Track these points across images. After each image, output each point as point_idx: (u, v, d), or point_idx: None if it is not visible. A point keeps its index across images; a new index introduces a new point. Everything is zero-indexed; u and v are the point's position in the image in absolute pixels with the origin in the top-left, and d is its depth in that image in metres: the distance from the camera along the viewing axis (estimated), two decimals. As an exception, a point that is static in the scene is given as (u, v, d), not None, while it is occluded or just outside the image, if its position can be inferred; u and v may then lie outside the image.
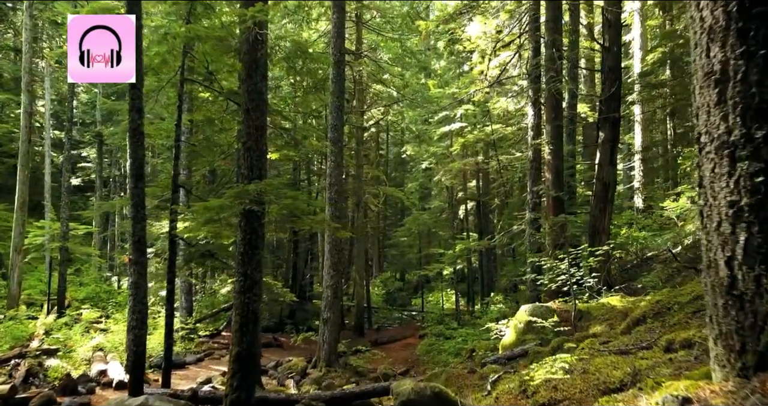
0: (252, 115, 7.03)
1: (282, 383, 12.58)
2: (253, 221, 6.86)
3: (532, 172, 13.22)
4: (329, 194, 14.36)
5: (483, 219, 25.37)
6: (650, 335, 4.75)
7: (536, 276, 10.24)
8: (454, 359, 15.03)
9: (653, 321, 5.34)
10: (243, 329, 6.73)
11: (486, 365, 7.67)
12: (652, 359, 3.44)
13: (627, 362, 3.55)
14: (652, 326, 5.15)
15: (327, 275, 14.24)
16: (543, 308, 8.45)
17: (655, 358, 3.47)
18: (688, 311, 5.08)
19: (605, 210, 12.16)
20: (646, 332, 4.97)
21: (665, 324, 5.06)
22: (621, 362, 3.57)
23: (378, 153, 34.14)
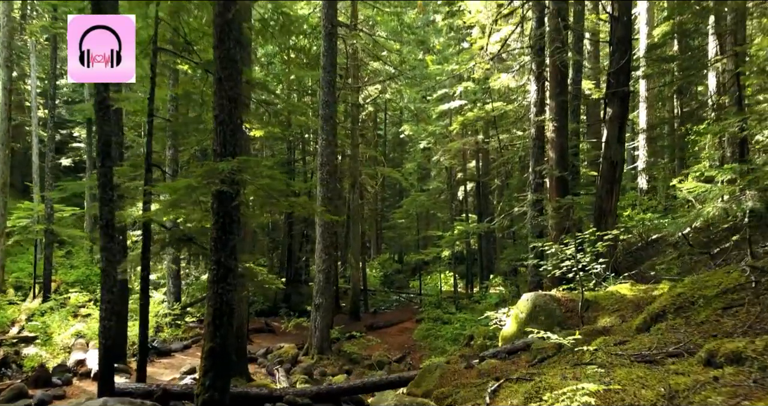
0: (225, 85, 6.30)
1: (271, 372, 12.04)
2: (226, 203, 6.18)
3: (535, 151, 12.48)
4: (321, 175, 13.67)
5: (483, 200, 24.69)
6: (675, 336, 4.10)
7: (539, 262, 9.59)
8: (452, 346, 14.49)
9: (675, 317, 4.68)
10: (216, 323, 6.09)
11: (485, 360, 7.06)
12: (690, 376, 2.78)
13: (657, 376, 2.90)
14: (674, 324, 4.50)
15: (319, 258, 13.62)
16: (546, 297, 7.82)
17: (693, 373, 2.82)
18: (717, 307, 4.43)
19: (612, 191, 11.46)
20: (669, 332, 4.32)
21: (690, 322, 4.41)
22: (650, 377, 2.92)
23: (376, 133, 33.40)
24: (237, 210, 6.31)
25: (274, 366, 12.28)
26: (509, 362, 6.74)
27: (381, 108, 34.98)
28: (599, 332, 6.02)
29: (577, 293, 7.93)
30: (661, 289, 7.24)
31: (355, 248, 20.98)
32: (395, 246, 34.98)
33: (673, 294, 5.00)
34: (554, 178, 11.73)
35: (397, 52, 22.25)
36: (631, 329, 5.41)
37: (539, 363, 6.16)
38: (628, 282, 8.27)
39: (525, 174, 20.27)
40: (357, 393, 7.62)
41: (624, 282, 8.41)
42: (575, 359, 4.82)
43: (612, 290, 7.88)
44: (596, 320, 7.02)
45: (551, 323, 7.52)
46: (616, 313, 6.89)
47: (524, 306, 8.00)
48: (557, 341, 5.12)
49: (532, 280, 12.00)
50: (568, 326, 7.36)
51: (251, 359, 12.99)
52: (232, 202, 6.22)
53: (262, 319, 20.46)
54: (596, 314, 7.27)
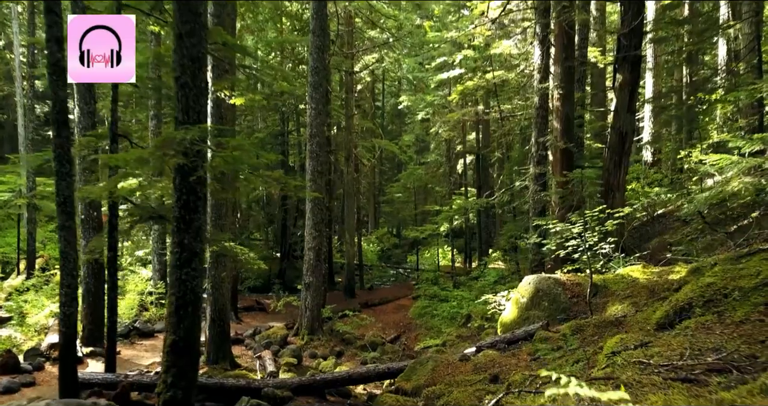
0: (186, 42, 5.47)
1: (258, 354, 11.47)
2: (189, 178, 5.43)
3: (538, 121, 11.67)
4: (311, 147, 12.87)
5: (482, 174, 23.91)
6: (710, 339, 3.39)
7: (541, 240, 8.89)
8: (448, 328, 13.93)
9: (705, 313, 3.98)
10: (180, 313, 5.40)
11: (481, 350, 6.42)
12: (754, 412, 2.12)
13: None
14: (705, 322, 3.80)
15: (309, 235, 12.92)
16: (550, 281, 7.14)
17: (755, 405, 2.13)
18: (757, 302, 3.72)
19: (621, 164, 10.69)
20: (701, 332, 3.62)
21: (725, 320, 3.71)
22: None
23: (373, 104, 32.43)
24: (202, 186, 5.56)
25: (261, 348, 11.71)
26: (509, 353, 6.09)
27: (379, 78, 33.92)
28: (612, 324, 5.34)
29: (584, 276, 7.25)
30: (678, 272, 6.55)
31: (350, 223, 20.30)
32: (393, 220, 34.32)
33: (701, 284, 4.29)
34: (559, 150, 10.95)
35: (394, 18, 21.14)
36: (649, 322, 4.72)
37: (543, 356, 5.50)
38: (639, 264, 7.57)
39: (526, 146, 19.45)
40: (343, 385, 7.01)
41: (634, 264, 7.72)
42: (587, 363, 4.15)
43: (622, 273, 7.19)
44: (606, 307, 6.34)
45: (555, 310, 6.87)
46: (628, 300, 6.21)
47: (526, 290, 7.32)
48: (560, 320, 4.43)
49: (533, 258, 11.34)
50: (574, 313, 6.70)
51: (238, 341, 12.43)
52: (197, 177, 5.47)
53: (254, 296, 19.95)
54: (605, 300, 6.60)
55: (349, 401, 7.06)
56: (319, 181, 12.81)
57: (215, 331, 9.91)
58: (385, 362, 12.30)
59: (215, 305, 9.91)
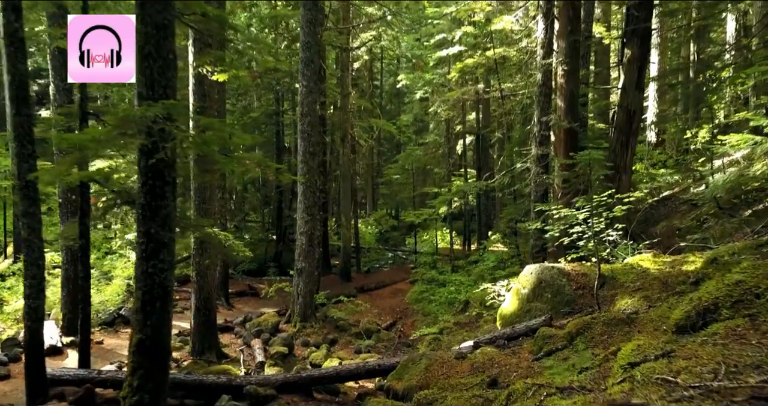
0: (149, 8, 4.88)
1: (248, 343, 11.04)
2: (156, 160, 4.88)
3: (541, 99, 11.05)
4: (302, 127, 12.27)
5: (482, 155, 23.30)
6: (746, 351, 2.89)
7: (543, 226, 8.36)
8: (446, 314, 13.50)
9: (734, 316, 3.48)
10: (147, 309, 4.90)
11: (479, 346, 5.94)
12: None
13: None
14: (736, 328, 3.29)
15: (301, 219, 12.41)
16: (554, 271, 6.63)
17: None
18: (798, 306, 3.21)
19: (628, 144, 10.14)
20: (733, 341, 3.12)
21: (759, 327, 3.21)
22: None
23: (371, 83, 31.67)
24: (170, 169, 5.02)
25: (251, 337, 11.27)
26: (509, 351, 5.61)
27: (377, 56, 33.05)
28: (623, 322, 4.84)
29: (590, 266, 6.75)
30: (693, 262, 6.05)
31: (345, 205, 19.76)
32: (391, 202, 33.78)
33: (727, 282, 3.77)
34: (562, 130, 10.37)
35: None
36: (666, 322, 4.22)
37: (545, 357, 5.03)
38: (649, 252, 7.06)
39: (528, 126, 18.82)
40: (330, 382, 6.56)
41: (644, 252, 7.21)
42: (598, 370, 3.65)
43: (631, 263, 6.68)
44: (614, 300, 5.85)
45: (559, 302, 6.38)
46: (639, 293, 5.71)
47: (527, 280, 6.83)
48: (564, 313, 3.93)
49: (534, 244, 10.84)
50: (579, 306, 6.21)
51: (227, 328, 12.01)
52: (164, 160, 4.92)
53: (248, 280, 19.53)
54: (614, 292, 6.10)
55: (337, 399, 6.62)
56: (311, 163, 12.24)
57: (200, 320, 9.45)
58: (380, 350, 11.94)
59: (200, 293, 9.43)
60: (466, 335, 11.05)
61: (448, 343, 11.05)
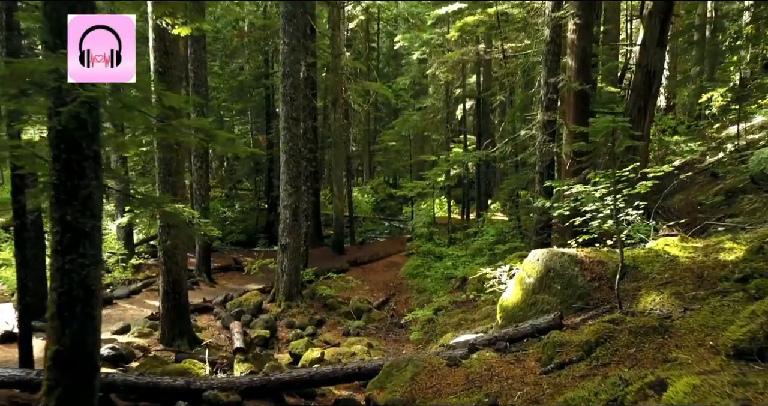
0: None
1: (227, 326, 10.21)
2: (71, 128, 3.85)
3: (549, 58, 9.87)
4: (284, 89, 11.13)
5: (483, 120, 22.12)
6: None
7: (551, 204, 7.37)
8: (441, 292, 12.67)
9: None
10: (65, 314, 3.95)
11: (476, 350, 5.03)
12: None
13: None
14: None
15: (284, 192, 11.41)
16: (564, 258, 5.67)
17: None
18: None
19: (646, 109, 9.08)
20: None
21: None
22: None
23: (368, 45, 30.19)
24: (91, 141, 3.99)
25: (231, 318, 10.43)
26: (511, 357, 4.70)
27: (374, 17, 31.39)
28: (654, 331, 3.90)
29: (607, 252, 5.79)
30: (731, 250, 5.07)
31: (337, 174, 18.73)
32: (388, 170, 32.68)
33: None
34: (573, 92, 9.26)
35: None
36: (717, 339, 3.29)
37: (557, 369, 4.12)
38: (674, 235, 6.09)
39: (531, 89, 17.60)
40: (302, 387, 5.68)
41: (666, 233, 6.24)
42: None
43: (656, 248, 5.71)
44: (638, 297, 4.91)
45: (570, 296, 5.44)
46: (669, 288, 4.77)
47: (533, 268, 5.87)
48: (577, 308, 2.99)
49: (539, 219, 9.86)
50: (595, 301, 5.27)
51: (206, 309, 11.16)
52: (82, 127, 3.90)
53: (237, 252, 18.66)
54: (636, 285, 5.16)
55: (313, 404, 5.78)
56: (295, 130, 11.16)
57: (170, 304, 8.56)
58: (370, 332, 11.13)
59: (168, 275, 8.51)
60: (462, 317, 10.23)
61: (443, 326, 10.24)
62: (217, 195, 26.67)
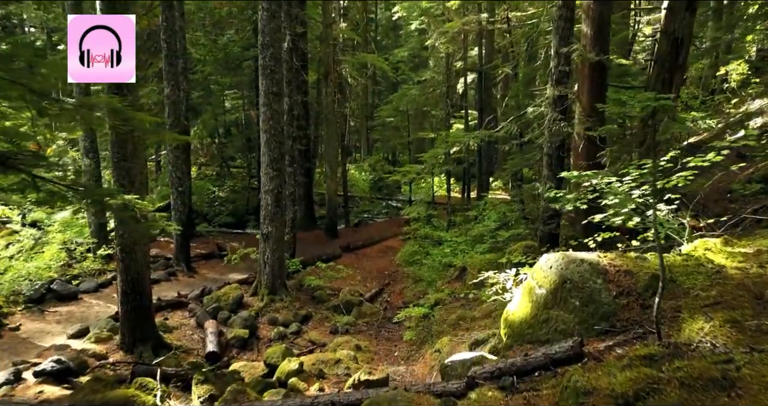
0: None
1: (201, 324, 9.28)
2: None
3: (560, 24, 8.67)
4: (263, 60, 9.96)
5: (485, 94, 20.83)
6: None
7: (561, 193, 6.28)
8: (439, 282, 11.71)
9: None
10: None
11: (475, 385, 4.04)
12: None
13: None
14: None
15: (265, 175, 10.35)
16: (584, 267, 4.64)
17: None
18: None
19: (671, 83, 7.93)
20: None
21: None
22: None
23: (365, 15, 28.70)
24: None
25: (207, 316, 9.49)
26: (520, 400, 3.71)
27: (371, -15, 29.80)
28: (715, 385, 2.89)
29: (637, 260, 4.76)
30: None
31: (330, 153, 17.61)
32: (386, 148, 31.48)
33: None
34: (588, 64, 8.10)
35: None
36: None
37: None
38: (718, 237, 5.03)
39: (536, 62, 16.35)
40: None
41: (709, 236, 5.18)
42: None
43: (695, 255, 4.67)
44: (680, 322, 3.89)
45: (592, 315, 4.42)
46: (720, 311, 3.75)
47: (545, 277, 4.85)
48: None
49: (546, 206, 8.81)
50: (623, 323, 4.26)
51: (180, 304, 10.21)
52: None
53: (223, 237, 17.64)
54: (676, 304, 4.13)
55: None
56: (276, 106, 10.02)
57: (129, 306, 7.58)
58: (360, 329, 10.19)
59: (127, 273, 7.50)
60: (461, 315, 9.26)
61: (440, 324, 9.30)
62: (208, 173, 25.62)
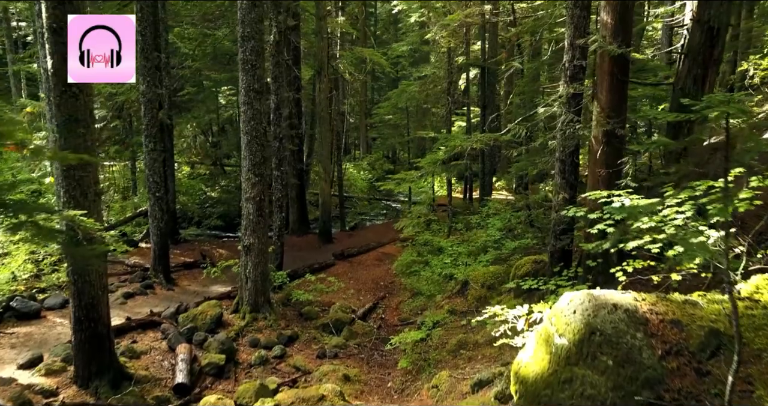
0: None
1: (173, 347, 8.32)
2: None
3: (576, 13, 7.65)
4: (243, 54, 8.97)
5: (488, 90, 19.82)
6: None
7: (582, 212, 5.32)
8: (438, 296, 10.75)
9: None
10: None
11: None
12: None
13: None
14: None
15: (246, 181, 9.37)
16: (618, 314, 3.65)
17: None
18: None
19: (705, 79, 6.94)
20: None
21: None
22: None
23: (364, 9, 27.73)
24: None
25: (180, 339, 8.52)
26: None
27: (370, -23, 28.85)
28: None
29: (685, 305, 3.78)
30: None
31: (323, 154, 16.62)
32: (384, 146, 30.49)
33: None
34: (608, 57, 7.08)
35: None
36: None
37: None
38: (779, 271, 4.04)
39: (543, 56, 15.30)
40: None
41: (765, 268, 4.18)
42: None
43: (762, 300, 3.69)
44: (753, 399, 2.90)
45: (631, 379, 3.44)
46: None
47: (567, 324, 3.87)
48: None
49: (559, 219, 7.83)
50: (675, 394, 3.28)
51: (152, 324, 9.22)
52: None
53: (207, 243, 16.63)
54: (744, 372, 3.16)
55: None
56: (258, 105, 9.04)
57: (83, 335, 6.62)
58: (351, 351, 9.17)
59: (80, 299, 6.54)
60: (463, 339, 8.26)
61: (438, 350, 8.32)
62: (200, 173, 24.70)
